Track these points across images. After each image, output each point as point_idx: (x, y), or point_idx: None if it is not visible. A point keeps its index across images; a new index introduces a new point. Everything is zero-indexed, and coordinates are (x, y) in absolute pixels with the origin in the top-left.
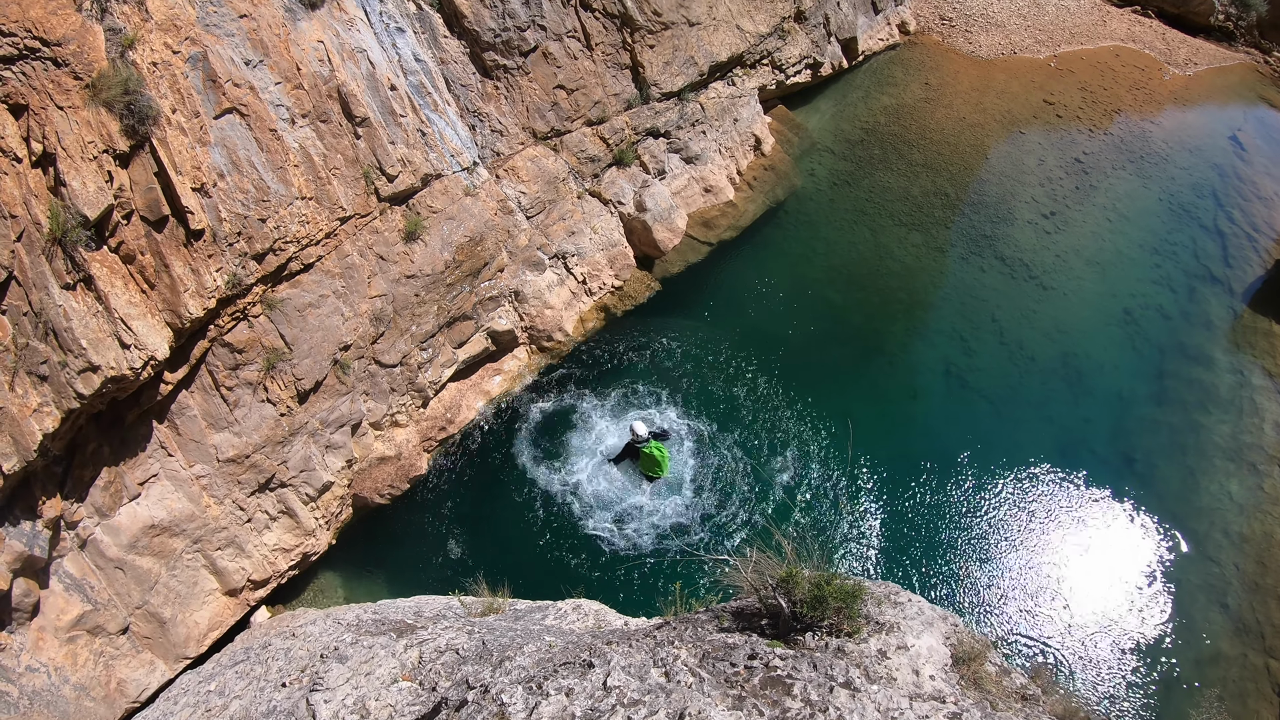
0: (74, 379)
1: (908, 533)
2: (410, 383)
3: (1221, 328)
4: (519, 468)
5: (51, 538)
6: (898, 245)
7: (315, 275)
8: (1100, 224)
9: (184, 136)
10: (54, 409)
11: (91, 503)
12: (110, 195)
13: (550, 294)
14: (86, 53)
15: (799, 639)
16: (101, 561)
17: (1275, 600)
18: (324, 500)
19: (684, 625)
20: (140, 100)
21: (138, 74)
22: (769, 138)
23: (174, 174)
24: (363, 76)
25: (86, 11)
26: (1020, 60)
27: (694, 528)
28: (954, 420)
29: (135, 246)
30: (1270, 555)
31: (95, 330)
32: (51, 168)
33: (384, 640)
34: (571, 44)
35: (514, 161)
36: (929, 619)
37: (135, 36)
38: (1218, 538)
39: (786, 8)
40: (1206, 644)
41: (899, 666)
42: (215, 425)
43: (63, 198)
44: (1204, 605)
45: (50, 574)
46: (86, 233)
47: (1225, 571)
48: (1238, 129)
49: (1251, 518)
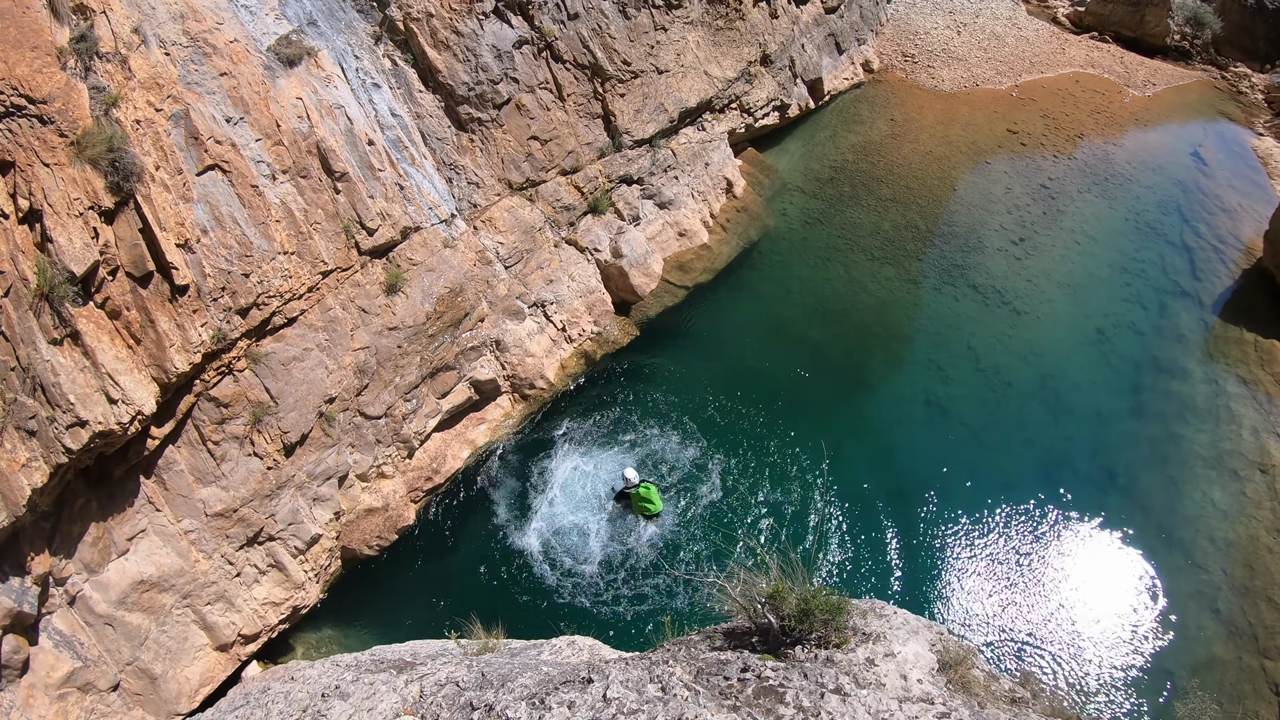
0: (62, 434)
1: (895, 558)
2: (395, 434)
3: (1194, 339)
4: (506, 515)
5: (40, 594)
6: (871, 280)
7: (299, 329)
8: (1069, 247)
9: (167, 193)
10: (42, 464)
11: (80, 559)
12: (96, 251)
13: (531, 342)
14: (71, 110)
15: (789, 652)
16: (91, 618)
17: (1266, 602)
18: (313, 553)
19: (678, 646)
20: (124, 157)
21: (121, 131)
22: (740, 180)
23: (158, 230)
24: (341, 132)
25: (71, 70)
26: (983, 92)
27: (682, 557)
28: (936, 448)
29: (121, 302)
30: (1257, 558)
31: (83, 385)
32: (38, 224)
33: (385, 677)
34: (544, 95)
35: (491, 212)
36: (914, 628)
37: (119, 94)
38: (1204, 545)
39: (752, 52)
40: (1200, 650)
41: (887, 672)
42: (202, 480)
43: (49, 253)
44: (1195, 612)
45: (40, 631)
46: (73, 288)
47: (1214, 577)
48: (1199, 145)
49: (1236, 523)
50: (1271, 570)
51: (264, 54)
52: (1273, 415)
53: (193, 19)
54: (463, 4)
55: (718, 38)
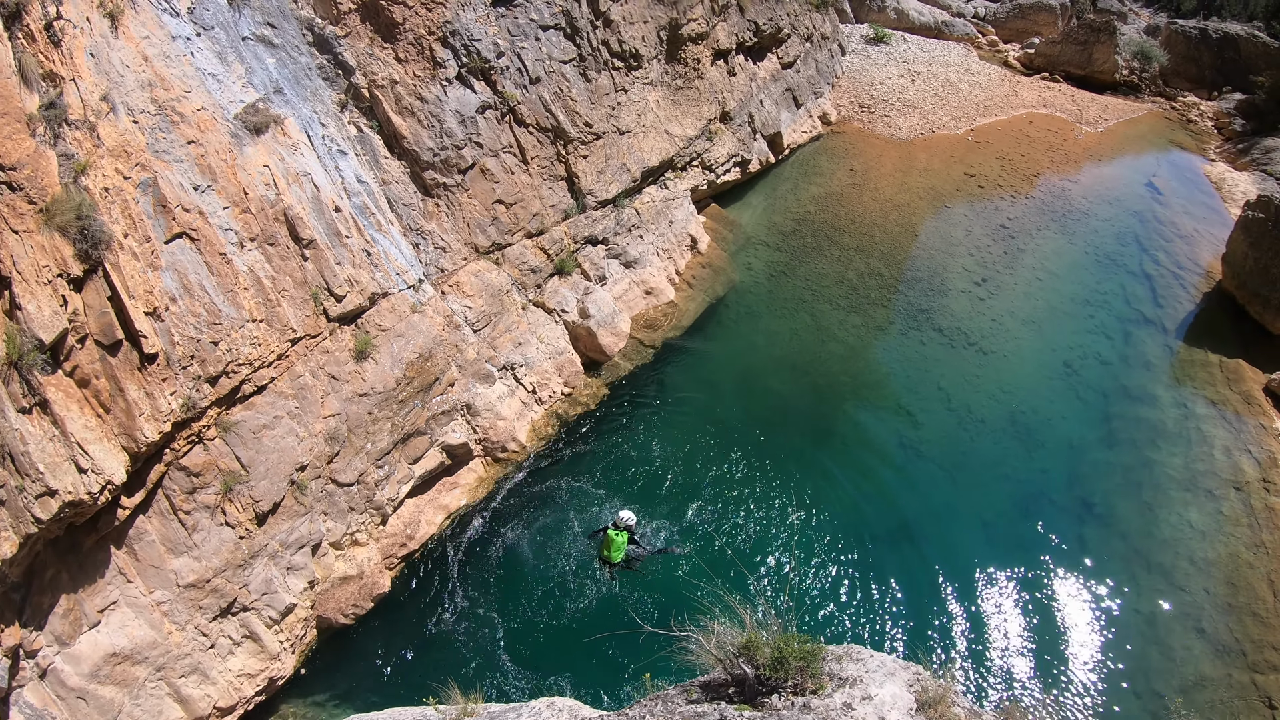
0: (31, 504)
1: (873, 602)
2: (368, 501)
3: (1160, 365)
4: (481, 578)
5: (11, 667)
6: (838, 328)
7: (269, 397)
8: (1031, 284)
9: (136, 261)
10: (11, 534)
11: (51, 631)
12: (65, 319)
13: (501, 405)
14: (40, 178)
15: (766, 701)
16: (63, 691)
17: (1250, 617)
18: (287, 623)
19: (655, 702)
20: (93, 225)
21: (90, 199)
22: (704, 236)
23: (127, 298)
24: (308, 199)
25: (40, 137)
26: (939, 138)
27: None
28: (909, 490)
29: (90, 370)
30: (1238, 575)
31: (52, 454)
32: (7, 291)
33: None
34: (508, 159)
35: (458, 277)
36: (891, 669)
37: (88, 162)
38: (1184, 566)
39: (712, 110)
40: (1189, 670)
41: (865, 715)
42: (174, 550)
43: (18, 321)
44: (1181, 633)
45: (10, 704)
46: (42, 356)
47: (1196, 597)
48: (1153, 175)
49: (1215, 541)
50: (1254, 585)
51: (231, 122)
52: (1243, 433)
53: (161, 87)
54: (426, 71)
55: (677, 97)
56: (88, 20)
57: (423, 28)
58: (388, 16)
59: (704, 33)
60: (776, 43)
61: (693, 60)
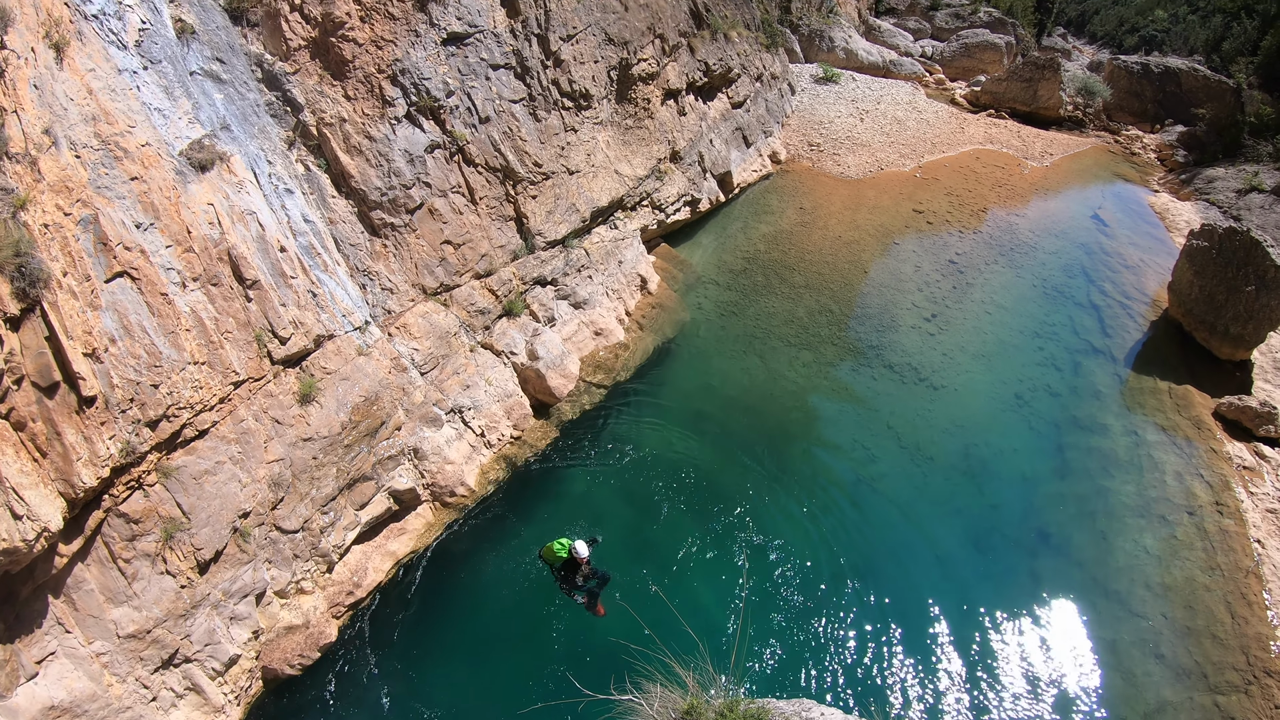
0: None
1: (827, 652)
2: (314, 548)
3: (1110, 394)
4: (430, 627)
5: None
6: (789, 367)
7: (211, 441)
8: (980, 318)
9: (75, 300)
10: None
11: None
12: (1, 359)
13: (449, 449)
14: None
15: None
16: None
17: (1210, 639)
18: (232, 674)
19: None
20: (31, 263)
21: (29, 235)
22: (654, 276)
23: (65, 339)
24: (253, 239)
25: None
26: (888, 175)
27: (596, 671)
28: (862, 530)
29: (26, 413)
30: (1196, 598)
31: None
32: None
33: None
34: (456, 199)
35: (405, 319)
36: None
37: (28, 197)
38: (1140, 592)
39: (662, 150)
40: (1150, 695)
41: None
42: (114, 599)
43: None
44: (1140, 659)
45: None
46: None
47: (1154, 623)
48: (1099, 207)
49: (1170, 566)
50: (1211, 608)
51: (175, 158)
52: (1194, 458)
53: (105, 121)
54: (375, 109)
55: (627, 136)
56: (32, 51)
57: (372, 65)
58: (337, 54)
59: (654, 72)
60: (727, 82)
61: (643, 100)
